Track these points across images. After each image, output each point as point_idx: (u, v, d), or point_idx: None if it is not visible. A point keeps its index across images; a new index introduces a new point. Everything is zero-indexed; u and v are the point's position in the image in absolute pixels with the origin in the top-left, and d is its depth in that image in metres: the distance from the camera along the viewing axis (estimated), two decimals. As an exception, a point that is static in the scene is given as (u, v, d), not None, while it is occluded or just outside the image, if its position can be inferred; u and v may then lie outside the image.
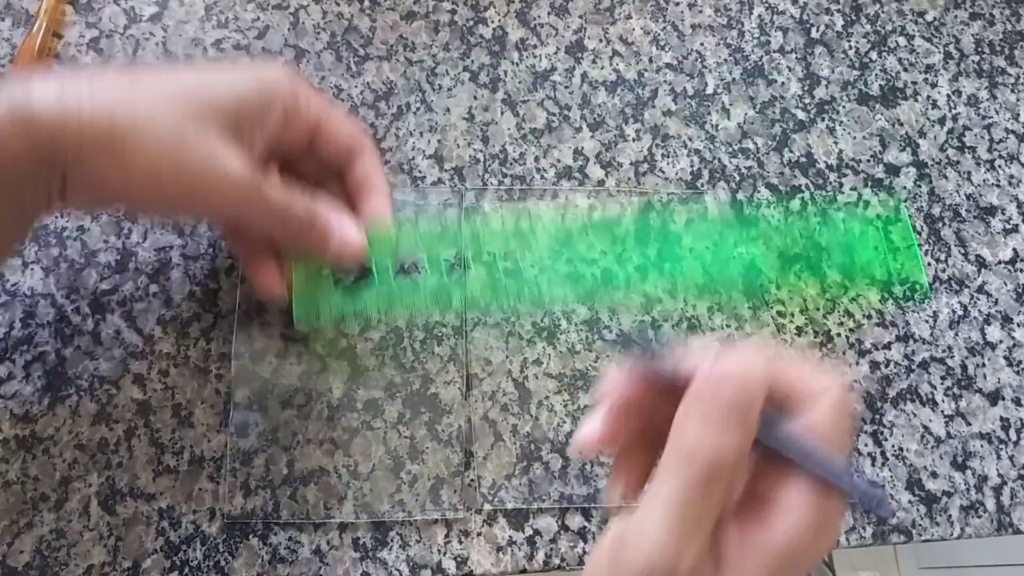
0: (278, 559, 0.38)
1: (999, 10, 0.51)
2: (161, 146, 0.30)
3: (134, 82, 0.31)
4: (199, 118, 0.31)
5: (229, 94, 0.32)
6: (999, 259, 0.46)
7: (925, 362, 0.44)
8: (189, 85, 0.32)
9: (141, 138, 0.30)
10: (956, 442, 0.43)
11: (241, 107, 0.33)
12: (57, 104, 0.29)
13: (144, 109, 0.30)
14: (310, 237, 0.35)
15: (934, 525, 0.42)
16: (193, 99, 0.31)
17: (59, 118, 0.29)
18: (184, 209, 0.34)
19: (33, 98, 0.29)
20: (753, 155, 0.47)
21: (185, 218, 0.37)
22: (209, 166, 0.31)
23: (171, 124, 0.30)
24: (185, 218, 0.37)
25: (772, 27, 0.50)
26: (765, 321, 0.44)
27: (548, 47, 0.48)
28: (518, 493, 0.40)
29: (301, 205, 0.35)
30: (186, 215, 0.34)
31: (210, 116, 0.31)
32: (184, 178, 0.31)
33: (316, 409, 0.40)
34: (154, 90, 0.31)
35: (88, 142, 0.29)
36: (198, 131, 0.31)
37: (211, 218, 0.37)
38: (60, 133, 0.29)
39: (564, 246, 0.41)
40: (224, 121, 0.32)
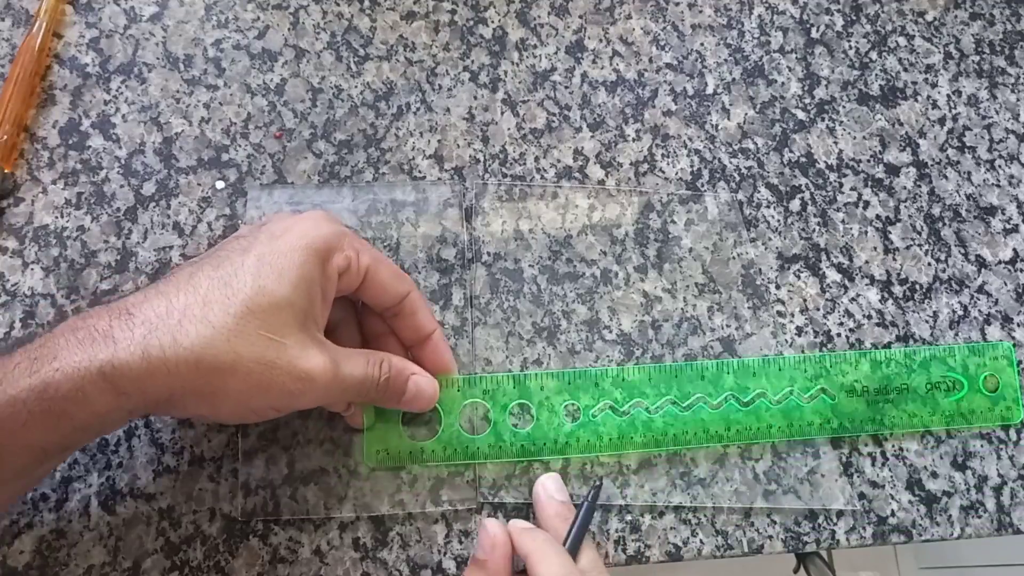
0: (278, 559, 0.38)
1: (999, 10, 0.51)
2: (248, 377, 0.31)
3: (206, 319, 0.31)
4: (274, 332, 0.32)
5: (293, 294, 0.32)
6: (999, 259, 0.46)
7: (925, 362, 0.44)
8: (255, 302, 0.32)
9: (228, 376, 0.31)
10: (956, 442, 0.43)
11: (307, 298, 0.33)
12: (143, 363, 0.30)
13: (224, 347, 0.31)
14: (386, 395, 0.37)
15: (934, 525, 0.42)
16: (264, 317, 0.31)
17: (147, 377, 0.30)
18: (272, 415, 0.35)
19: (120, 359, 0.30)
20: (753, 155, 0.47)
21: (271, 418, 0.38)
22: (295, 381, 0.32)
23: (252, 352, 0.31)
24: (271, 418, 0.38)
25: (772, 27, 0.50)
26: (765, 321, 0.44)
27: (548, 47, 0.48)
28: (518, 493, 0.40)
29: (376, 375, 0.36)
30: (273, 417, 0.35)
31: (283, 326, 0.32)
32: (273, 395, 0.32)
33: (316, 409, 0.40)
34: (225, 319, 0.31)
35: (178, 391, 0.31)
36: (279, 348, 0.32)
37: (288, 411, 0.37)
38: (150, 390, 0.30)
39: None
40: (295, 320, 0.32)
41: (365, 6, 0.48)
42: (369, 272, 0.36)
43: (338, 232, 0.35)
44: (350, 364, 0.34)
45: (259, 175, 0.44)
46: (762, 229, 0.46)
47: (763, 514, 0.41)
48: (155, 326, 0.31)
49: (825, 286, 0.45)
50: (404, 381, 0.37)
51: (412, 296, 0.38)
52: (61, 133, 0.43)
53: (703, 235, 0.45)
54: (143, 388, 0.30)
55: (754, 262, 0.45)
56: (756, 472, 0.41)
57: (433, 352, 0.39)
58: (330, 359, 0.33)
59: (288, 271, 0.32)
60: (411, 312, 0.38)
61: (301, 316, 0.33)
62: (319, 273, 0.33)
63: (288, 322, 0.32)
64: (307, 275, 0.33)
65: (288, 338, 0.32)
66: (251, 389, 0.31)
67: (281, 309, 0.32)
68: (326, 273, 0.34)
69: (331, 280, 0.34)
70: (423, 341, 0.39)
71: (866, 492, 0.42)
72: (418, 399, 0.38)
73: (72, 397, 0.29)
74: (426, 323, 0.39)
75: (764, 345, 0.43)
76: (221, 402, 0.32)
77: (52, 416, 0.29)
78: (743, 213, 0.46)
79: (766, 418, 0.41)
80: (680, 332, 0.43)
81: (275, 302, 0.32)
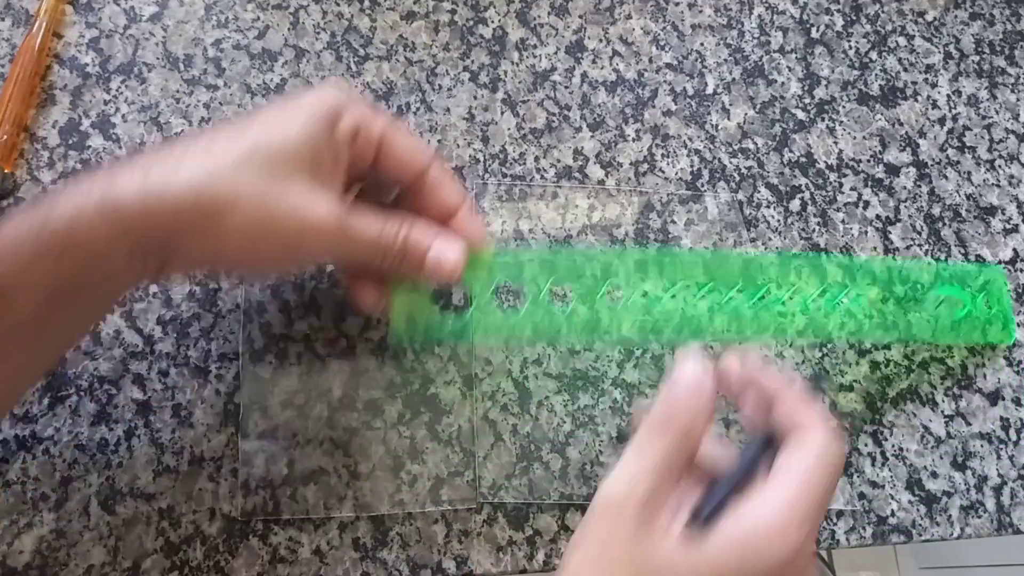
0: (278, 559, 0.38)
1: (999, 10, 0.51)
2: (249, 215, 0.30)
3: (209, 152, 0.31)
4: (278, 174, 0.31)
5: (299, 137, 0.32)
6: (999, 259, 0.46)
7: (925, 362, 0.44)
8: (260, 141, 0.31)
9: (229, 212, 0.30)
10: (956, 442, 0.43)
11: (314, 145, 0.32)
12: (141, 193, 0.29)
13: (226, 182, 0.30)
14: (403, 262, 0.35)
15: (934, 525, 0.42)
16: (267, 155, 0.31)
17: (146, 207, 0.29)
18: (279, 266, 0.33)
19: (119, 192, 0.29)
20: (753, 155, 0.47)
21: (281, 273, 0.36)
22: (298, 222, 0.31)
23: (254, 190, 0.30)
24: (281, 273, 0.36)
25: (772, 27, 0.50)
26: (765, 321, 0.44)
27: (548, 47, 0.48)
28: (518, 493, 0.40)
29: (392, 234, 0.34)
30: (282, 270, 0.34)
31: (288, 168, 0.31)
32: (276, 240, 0.31)
33: (316, 409, 0.40)
34: (229, 156, 0.30)
35: (182, 226, 0.30)
36: (281, 190, 0.31)
37: (307, 265, 0.36)
38: (150, 222, 0.29)
39: None
40: (302, 167, 0.31)
41: (365, 6, 0.48)
42: (384, 141, 0.34)
43: (351, 98, 0.34)
44: (365, 221, 0.33)
45: (259, 175, 0.44)
46: (762, 229, 0.46)
47: (763, 514, 0.41)
48: (156, 163, 0.30)
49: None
50: (425, 245, 0.35)
51: (434, 169, 0.36)
52: (61, 133, 0.43)
53: (703, 235, 0.45)
54: (143, 223, 0.29)
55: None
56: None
57: (461, 224, 0.36)
58: (337, 209, 0.32)
59: (295, 122, 0.32)
60: (434, 187, 0.36)
61: (308, 165, 0.31)
62: (327, 133, 0.32)
63: (294, 167, 0.31)
64: (314, 131, 0.32)
65: (293, 184, 0.31)
66: (251, 232, 0.30)
67: (287, 153, 0.31)
68: (335, 136, 0.33)
69: (341, 143, 0.33)
70: (452, 217, 0.36)
71: (866, 492, 0.42)
72: (439, 267, 0.35)
73: (69, 231, 0.29)
74: (452, 197, 0.36)
75: (764, 345, 0.43)
76: (223, 245, 0.31)
77: (51, 254, 0.29)
78: (743, 213, 0.46)
79: (787, 312, 0.39)
80: (680, 332, 0.43)
81: (282, 145, 0.31)
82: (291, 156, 0.31)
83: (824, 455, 0.29)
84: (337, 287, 0.42)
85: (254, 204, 0.30)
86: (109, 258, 0.30)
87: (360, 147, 0.34)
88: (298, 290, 0.42)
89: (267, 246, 0.32)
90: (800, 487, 0.28)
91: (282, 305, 0.41)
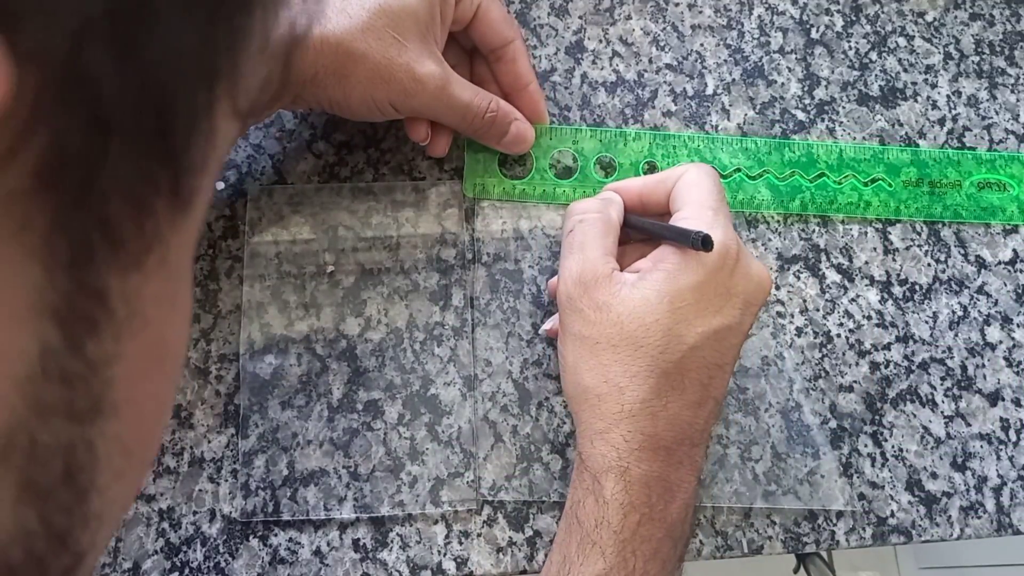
0: (278, 560, 0.38)
1: (999, 10, 0.51)
2: (373, 69, 0.37)
3: (345, 11, 0.36)
4: (398, 33, 0.37)
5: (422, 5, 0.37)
6: (999, 259, 0.46)
7: (925, 363, 0.44)
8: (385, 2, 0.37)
9: (358, 65, 0.36)
10: (956, 443, 0.43)
11: (429, 9, 0.38)
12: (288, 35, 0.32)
13: (359, 38, 0.36)
14: (488, 132, 0.41)
15: (934, 525, 0.42)
16: (391, 17, 0.37)
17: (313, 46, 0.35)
18: (387, 114, 0.39)
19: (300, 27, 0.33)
20: (753, 155, 0.47)
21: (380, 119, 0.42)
22: (410, 79, 0.37)
23: (379, 48, 0.36)
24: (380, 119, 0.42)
25: (772, 27, 0.50)
26: (765, 321, 0.44)
27: (548, 47, 0.48)
28: (518, 494, 0.40)
29: (482, 102, 0.40)
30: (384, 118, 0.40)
31: (405, 28, 0.37)
32: (391, 93, 0.38)
33: (316, 409, 0.40)
34: (362, 14, 0.36)
35: (321, 70, 0.36)
36: (400, 48, 0.37)
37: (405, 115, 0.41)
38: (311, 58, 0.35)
39: None
40: (417, 28, 0.37)
41: (365, 7, 0.48)
42: (481, 8, 0.40)
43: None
44: (460, 87, 0.39)
45: (259, 175, 0.44)
46: (762, 229, 0.46)
47: (763, 514, 0.41)
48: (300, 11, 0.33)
49: (825, 286, 0.45)
50: (508, 122, 0.42)
51: (516, 43, 0.42)
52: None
53: None
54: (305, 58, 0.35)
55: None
56: (756, 472, 0.41)
57: (530, 100, 0.43)
58: (443, 72, 0.38)
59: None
60: (512, 59, 0.42)
61: (423, 27, 0.38)
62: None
63: (412, 28, 0.37)
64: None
65: (409, 42, 0.37)
66: (375, 78, 0.37)
67: (408, 14, 0.37)
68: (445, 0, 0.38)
69: (447, 5, 0.39)
70: (520, 89, 0.43)
71: (866, 493, 0.42)
72: (517, 141, 0.42)
73: None
74: (525, 72, 0.43)
75: (764, 345, 0.43)
76: (352, 87, 0.37)
77: None
78: (743, 213, 0.46)
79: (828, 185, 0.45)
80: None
81: (402, 8, 0.37)
82: (410, 18, 0.37)
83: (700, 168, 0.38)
84: (338, 285, 0.42)
85: (379, 58, 0.36)
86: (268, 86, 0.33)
87: (462, 10, 0.40)
88: (298, 290, 0.42)
89: (383, 100, 0.38)
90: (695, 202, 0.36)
91: (282, 305, 0.41)
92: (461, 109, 0.39)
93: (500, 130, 0.41)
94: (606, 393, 0.34)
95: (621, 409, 0.33)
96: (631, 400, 0.33)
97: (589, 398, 0.34)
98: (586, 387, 0.34)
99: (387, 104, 0.38)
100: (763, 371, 0.42)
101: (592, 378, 0.34)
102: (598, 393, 0.34)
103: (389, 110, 0.39)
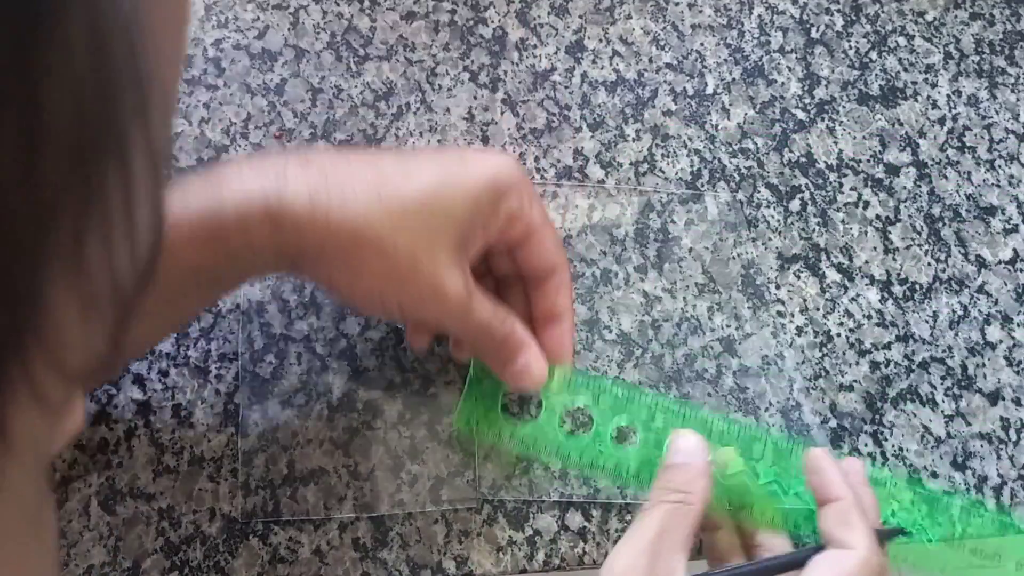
0: (278, 559, 0.38)
1: (999, 10, 0.51)
2: (393, 267, 0.32)
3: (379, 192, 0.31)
4: (432, 238, 0.32)
5: (464, 206, 0.33)
6: (999, 259, 0.46)
7: (925, 362, 0.44)
8: (428, 199, 0.32)
9: (377, 257, 0.31)
10: (956, 442, 0.43)
11: (473, 218, 0.33)
12: (307, 208, 0.30)
13: (386, 229, 0.31)
14: (495, 355, 0.36)
15: (934, 525, 0.41)
16: (430, 216, 0.32)
17: (308, 223, 0.30)
18: (389, 315, 0.36)
19: (286, 197, 0.30)
20: (753, 155, 0.47)
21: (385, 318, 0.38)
22: (431, 290, 0.32)
23: (406, 246, 0.31)
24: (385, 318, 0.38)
25: (772, 27, 0.50)
26: (765, 321, 0.44)
27: (548, 47, 0.48)
28: (518, 493, 0.40)
29: (499, 327, 0.35)
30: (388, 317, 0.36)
31: (443, 235, 0.32)
32: (405, 297, 0.33)
33: (316, 408, 0.40)
34: (396, 203, 0.31)
35: (330, 250, 0.31)
36: (430, 254, 0.32)
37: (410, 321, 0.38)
38: (305, 237, 0.31)
39: None
40: (456, 233, 0.32)
41: (365, 6, 0.48)
42: (532, 232, 0.35)
43: (522, 178, 0.35)
44: (480, 305, 0.34)
45: (259, 175, 0.44)
46: (762, 229, 0.46)
47: (763, 514, 0.41)
48: (328, 179, 0.31)
49: (825, 286, 0.45)
50: (518, 350, 0.36)
51: (562, 273, 0.37)
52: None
53: (703, 235, 0.45)
54: (301, 233, 0.30)
55: (754, 262, 0.45)
56: (756, 472, 0.41)
57: (557, 336, 0.37)
58: (468, 289, 0.33)
59: (468, 190, 0.33)
60: (555, 288, 0.37)
61: (462, 235, 0.33)
62: (491, 207, 0.33)
63: (448, 234, 0.32)
64: (482, 203, 0.33)
65: (442, 249, 0.32)
66: (392, 277, 0.32)
67: (448, 218, 0.32)
68: (497, 210, 0.33)
69: (498, 218, 0.34)
70: (552, 322, 0.37)
71: (866, 492, 0.42)
72: (523, 375, 0.36)
73: (234, 220, 0.30)
74: (564, 306, 0.37)
75: (764, 345, 0.43)
76: (361, 278, 0.32)
77: (212, 237, 0.30)
78: (744, 213, 0.46)
79: None
80: (680, 332, 0.43)
81: (446, 209, 0.32)
82: (451, 226, 0.32)
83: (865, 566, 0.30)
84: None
85: (401, 260, 0.31)
86: (262, 254, 0.31)
87: (511, 232, 0.35)
88: (298, 290, 0.42)
89: (394, 301, 0.33)
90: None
91: (282, 305, 0.41)
92: (475, 330, 0.35)
93: (510, 355, 0.35)
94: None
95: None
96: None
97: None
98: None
99: (395, 305, 0.34)
100: (763, 371, 0.42)
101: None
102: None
103: (395, 312, 0.35)
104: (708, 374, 0.42)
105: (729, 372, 0.43)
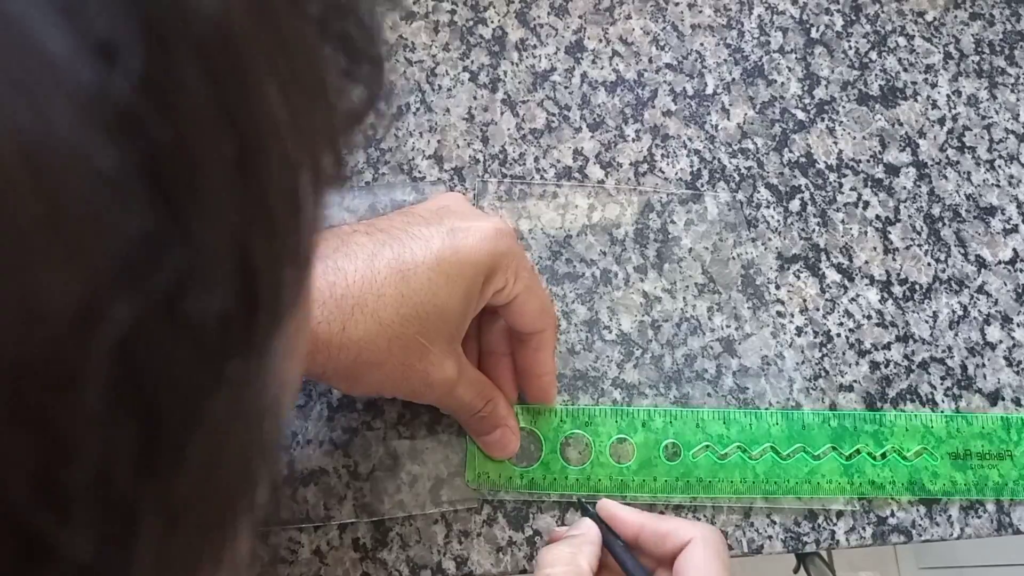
0: (278, 559, 0.38)
1: (999, 10, 0.51)
2: (388, 376, 0.34)
3: (379, 315, 0.33)
4: (426, 342, 0.34)
5: (458, 308, 0.34)
6: (999, 259, 0.46)
7: (925, 362, 0.44)
8: (422, 307, 0.34)
9: (373, 371, 0.34)
10: (956, 442, 0.43)
11: (466, 309, 0.35)
12: (312, 340, 0.32)
13: (383, 351, 0.33)
14: (474, 427, 0.39)
15: (934, 525, 0.42)
16: (423, 325, 0.34)
17: (311, 350, 0.32)
18: (385, 396, 0.39)
19: None
20: (753, 155, 0.47)
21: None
22: (423, 383, 0.35)
23: (400, 358, 0.34)
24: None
25: (772, 27, 0.50)
26: (765, 321, 0.44)
27: (548, 47, 0.48)
28: (518, 493, 0.40)
29: (479, 407, 0.37)
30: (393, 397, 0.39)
31: (436, 336, 0.34)
32: (398, 391, 0.36)
33: (316, 408, 0.40)
34: (395, 327, 0.33)
35: (331, 371, 0.34)
36: (421, 356, 0.34)
37: None
38: (312, 359, 0.32)
39: None
40: (447, 330, 0.35)
41: (365, 6, 0.48)
42: (517, 300, 0.37)
43: (509, 252, 0.36)
44: (465, 387, 0.36)
45: (259, 175, 0.44)
46: (762, 229, 0.46)
47: (763, 514, 0.41)
48: (330, 310, 0.32)
49: (825, 286, 0.45)
50: (495, 426, 0.39)
51: (546, 334, 0.39)
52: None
53: (703, 235, 0.45)
54: (309, 356, 0.32)
55: (754, 262, 0.45)
56: (756, 472, 0.41)
57: (538, 389, 0.40)
58: (456, 374, 0.35)
59: (460, 282, 0.34)
60: (536, 348, 0.39)
61: (453, 328, 0.35)
62: (481, 293, 0.35)
63: (441, 332, 0.34)
64: (472, 290, 0.35)
65: (435, 346, 0.34)
66: (388, 381, 0.35)
67: (441, 319, 0.34)
68: (484, 291, 0.35)
69: (486, 297, 0.36)
70: (534, 377, 0.40)
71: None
72: (494, 448, 0.39)
73: None
74: (545, 363, 0.39)
75: (764, 345, 0.43)
76: (359, 385, 0.36)
77: None
78: (744, 213, 0.46)
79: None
80: (680, 332, 0.43)
81: (439, 312, 0.34)
82: (441, 322, 0.34)
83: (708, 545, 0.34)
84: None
85: (397, 365, 0.34)
86: None
87: (496, 299, 0.36)
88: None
89: (389, 392, 0.37)
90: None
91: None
92: (456, 408, 0.38)
93: (485, 430, 0.39)
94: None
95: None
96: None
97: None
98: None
99: (390, 395, 0.38)
100: (763, 371, 0.42)
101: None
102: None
103: (396, 396, 0.38)
104: (708, 374, 0.42)
105: (729, 372, 0.43)
